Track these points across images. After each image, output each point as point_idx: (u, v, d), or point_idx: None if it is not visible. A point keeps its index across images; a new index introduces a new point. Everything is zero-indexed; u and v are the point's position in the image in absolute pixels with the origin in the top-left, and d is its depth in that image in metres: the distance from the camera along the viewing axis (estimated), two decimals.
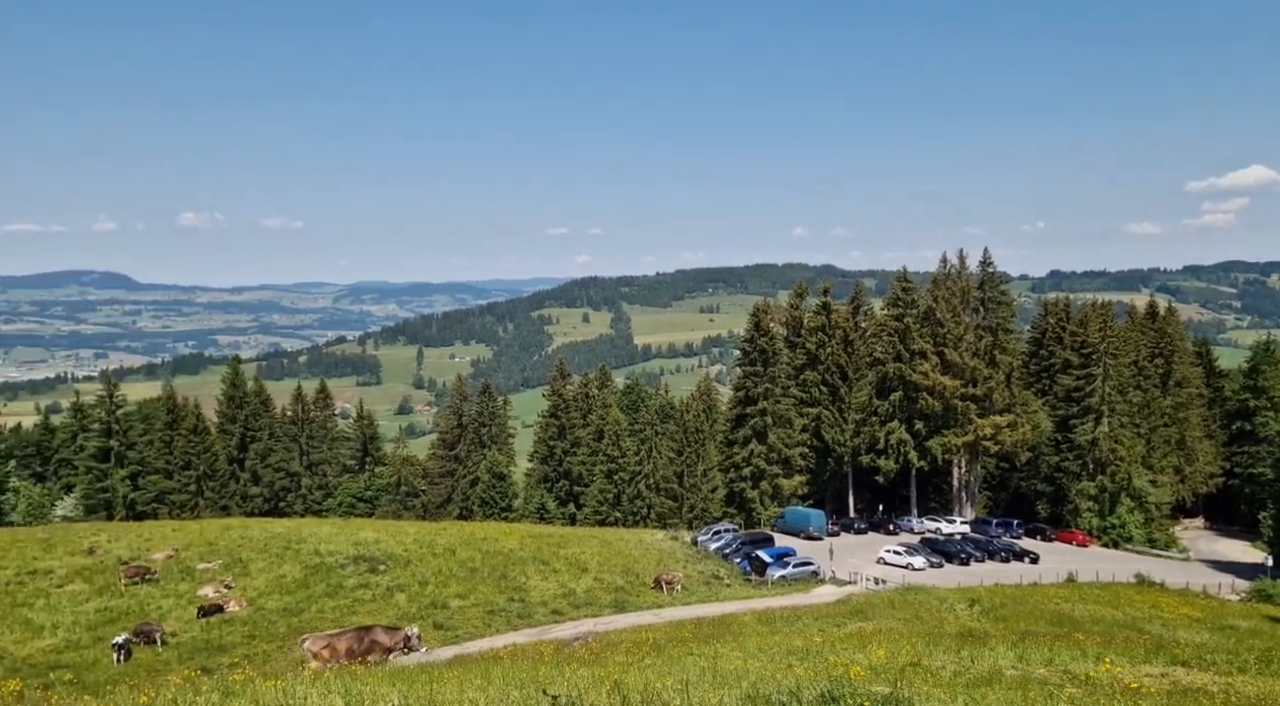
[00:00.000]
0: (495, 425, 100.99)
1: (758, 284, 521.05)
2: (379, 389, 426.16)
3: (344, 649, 23.50)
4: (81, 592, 44.40)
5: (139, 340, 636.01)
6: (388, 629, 24.81)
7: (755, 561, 58.17)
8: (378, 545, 54.38)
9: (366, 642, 23.70)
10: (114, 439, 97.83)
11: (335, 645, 23.64)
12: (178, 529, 64.80)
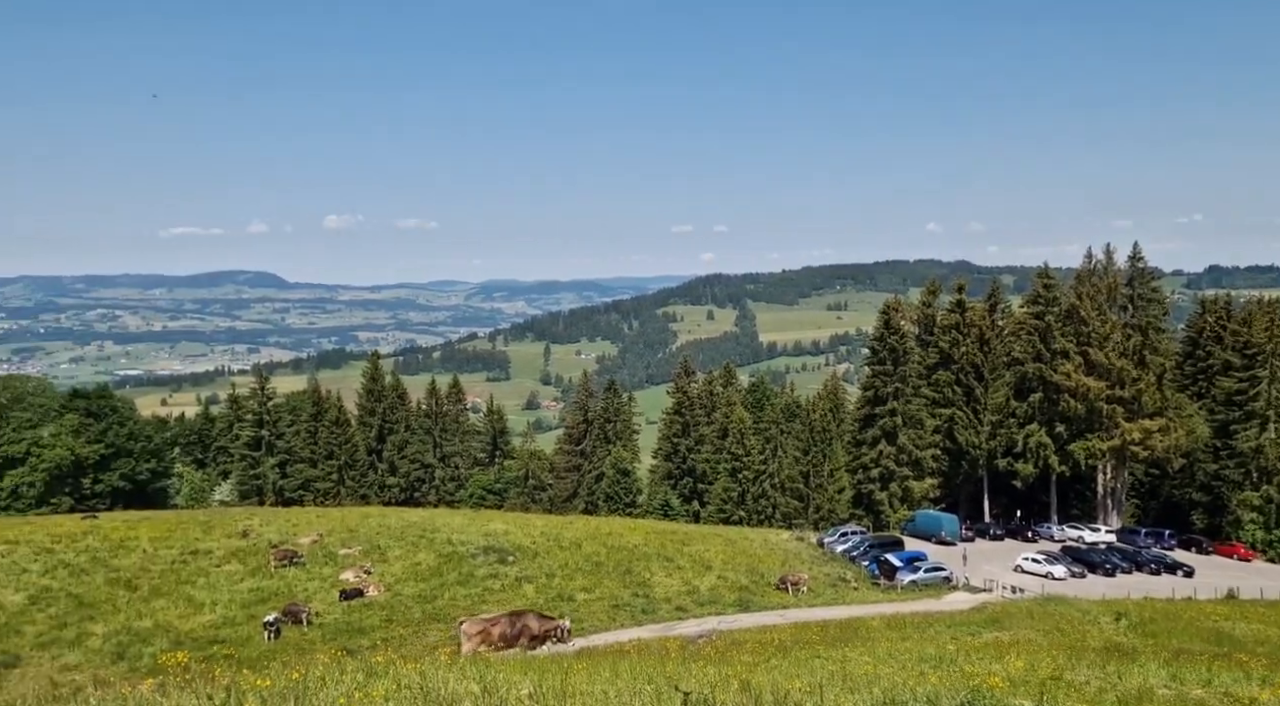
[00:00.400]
0: (620, 421, 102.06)
1: (888, 281, 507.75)
2: (508, 384, 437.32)
3: (498, 633, 24.13)
4: (237, 573, 47.25)
5: (287, 336, 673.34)
6: (540, 616, 25.28)
7: (884, 565, 56.73)
8: (507, 537, 55.76)
9: (519, 627, 24.26)
10: (265, 429, 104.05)
11: (490, 629, 24.29)
12: (321, 515, 68.28)
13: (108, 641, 35.67)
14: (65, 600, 40.72)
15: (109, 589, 42.86)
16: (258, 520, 62.90)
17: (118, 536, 53.62)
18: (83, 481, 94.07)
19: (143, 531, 55.62)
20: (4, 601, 40.36)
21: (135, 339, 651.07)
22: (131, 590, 42.84)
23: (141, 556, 49.13)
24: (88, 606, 40.09)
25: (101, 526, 58.61)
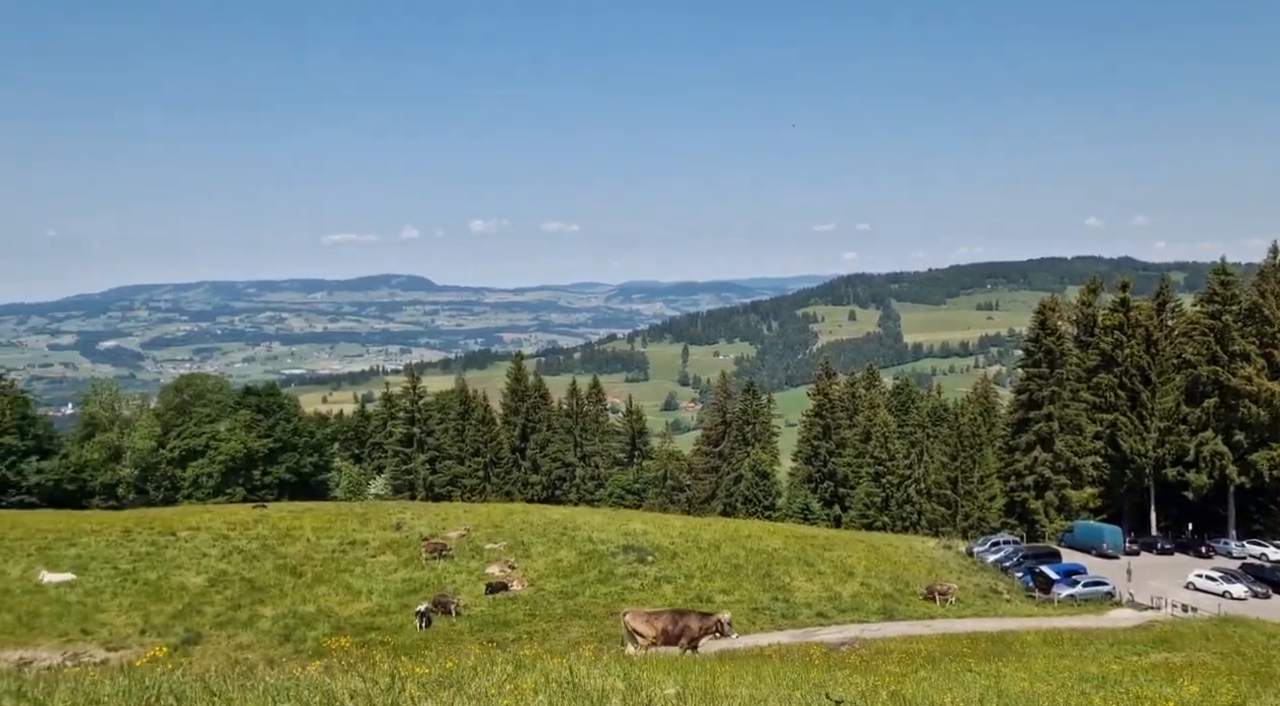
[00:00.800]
0: (759, 423, 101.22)
1: (1043, 279, 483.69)
2: (646, 385, 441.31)
3: (660, 628, 24.32)
4: (390, 563, 49.50)
5: (436, 337, 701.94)
6: (701, 615, 25.30)
7: (1039, 577, 53.94)
8: (645, 536, 56.17)
9: (681, 625, 24.36)
10: (416, 427, 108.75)
11: (653, 622, 24.53)
12: (468, 510, 70.72)
13: (276, 623, 38.02)
14: (239, 584, 43.70)
15: (277, 574, 45.72)
16: (410, 514, 65.73)
17: (284, 525, 57.16)
18: (254, 473, 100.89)
19: (306, 521, 59.12)
20: (188, 583, 43.71)
21: (299, 340, 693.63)
22: (297, 576, 45.55)
23: (305, 545, 52.18)
24: (258, 590, 42.88)
25: (270, 516, 62.66)
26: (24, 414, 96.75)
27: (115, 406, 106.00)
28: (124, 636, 35.53)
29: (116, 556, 48.34)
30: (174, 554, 49.10)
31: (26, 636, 34.84)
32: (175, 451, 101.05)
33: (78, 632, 35.78)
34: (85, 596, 40.89)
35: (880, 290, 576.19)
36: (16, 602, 39.44)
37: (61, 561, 46.81)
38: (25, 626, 36.25)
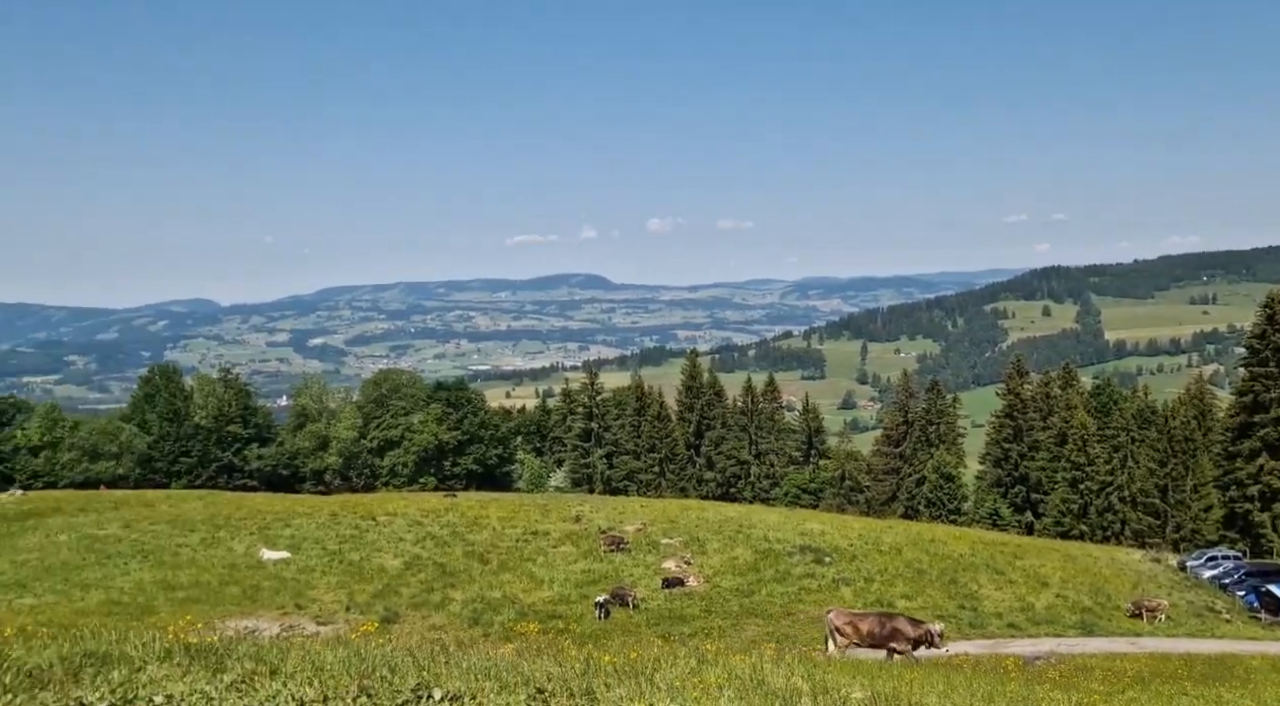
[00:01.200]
0: (943, 423, 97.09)
1: (1270, 270, 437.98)
2: (823, 383, 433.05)
3: (865, 630, 23.84)
4: (570, 554, 50.87)
5: (613, 334, 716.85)
6: (912, 621, 24.62)
7: (1267, 597, 48.82)
8: (823, 537, 55.05)
9: (889, 629, 23.79)
10: (594, 422, 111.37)
11: (858, 624, 24.09)
12: (645, 505, 71.70)
13: (465, 607, 39.87)
14: (432, 568, 46.17)
15: (466, 560, 47.97)
16: (588, 507, 67.37)
17: (472, 514, 59.94)
18: (444, 463, 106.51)
19: (492, 511, 61.77)
20: (386, 565, 46.63)
21: (485, 337, 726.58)
22: (484, 563, 47.63)
23: (491, 533, 54.49)
24: (449, 574, 45.13)
25: (459, 504, 65.91)
26: (246, 405, 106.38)
27: (323, 399, 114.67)
28: (331, 612, 38.28)
29: (325, 537, 52.22)
30: (374, 537, 52.50)
31: (250, 608, 38.16)
32: (374, 441, 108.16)
33: (292, 606, 38.87)
34: (299, 573, 44.40)
35: (1078, 283, 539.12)
36: (242, 577, 43.34)
37: (278, 540, 51.05)
38: (249, 598, 39.75)
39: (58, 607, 36.35)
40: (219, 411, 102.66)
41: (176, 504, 66.09)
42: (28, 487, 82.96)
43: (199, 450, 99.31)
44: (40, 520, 58.47)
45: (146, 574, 43.41)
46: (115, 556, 47.15)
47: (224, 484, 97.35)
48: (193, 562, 46.17)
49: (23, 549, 49.33)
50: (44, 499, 69.82)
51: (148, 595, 39.43)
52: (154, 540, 51.08)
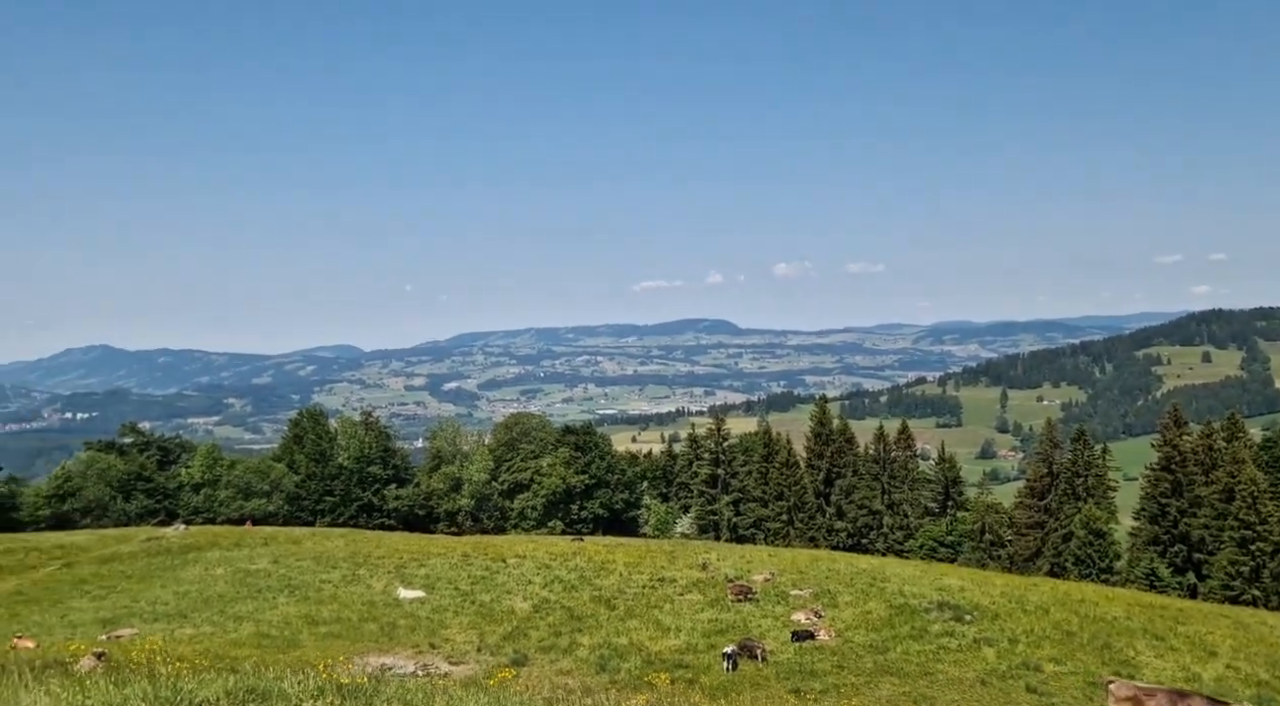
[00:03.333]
0: (1091, 476, 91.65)
1: None
2: (959, 431, 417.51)
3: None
4: (697, 602, 50.26)
5: (739, 379, 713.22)
6: (1211, 700, 22.84)
7: None
8: (962, 593, 52.54)
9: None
10: (720, 468, 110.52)
11: (1142, 700, 22.76)
12: (773, 554, 70.28)
13: (592, 652, 39.86)
14: (560, 612, 46.46)
15: (593, 605, 48.07)
16: (715, 554, 66.58)
17: (599, 559, 60.17)
18: (571, 507, 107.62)
19: (619, 556, 61.84)
20: (515, 607, 47.24)
21: (612, 382, 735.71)
22: (610, 608, 47.60)
23: (618, 578, 54.50)
24: (577, 619, 45.29)
25: (587, 548, 66.32)
26: (386, 447, 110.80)
27: (456, 441, 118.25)
28: (463, 652, 38.96)
29: (457, 578, 53.43)
30: (503, 579, 53.35)
31: (387, 645, 39.30)
32: (505, 484, 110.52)
33: (427, 645, 39.79)
34: (432, 613, 45.49)
35: (1243, 328, 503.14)
36: (380, 613, 44.76)
37: (414, 579, 52.56)
38: (386, 636, 40.96)
39: (213, 638, 38.37)
40: (360, 453, 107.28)
41: (320, 541, 69.14)
42: (189, 522, 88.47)
43: (342, 489, 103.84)
44: (200, 553, 62.21)
45: (293, 608, 45.37)
46: (265, 590, 49.54)
47: (364, 522, 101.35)
48: (335, 598, 48.00)
49: (184, 580, 52.51)
50: (203, 533, 74.31)
51: (293, 629, 41.15)
52: (300, 576, 53.44)
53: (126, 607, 45.97)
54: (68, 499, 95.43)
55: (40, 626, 41.69)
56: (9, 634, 38.77)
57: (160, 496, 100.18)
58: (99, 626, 41.12)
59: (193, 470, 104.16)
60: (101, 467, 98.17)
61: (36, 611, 46.26)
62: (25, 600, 49.51)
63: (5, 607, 47.81)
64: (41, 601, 49.00)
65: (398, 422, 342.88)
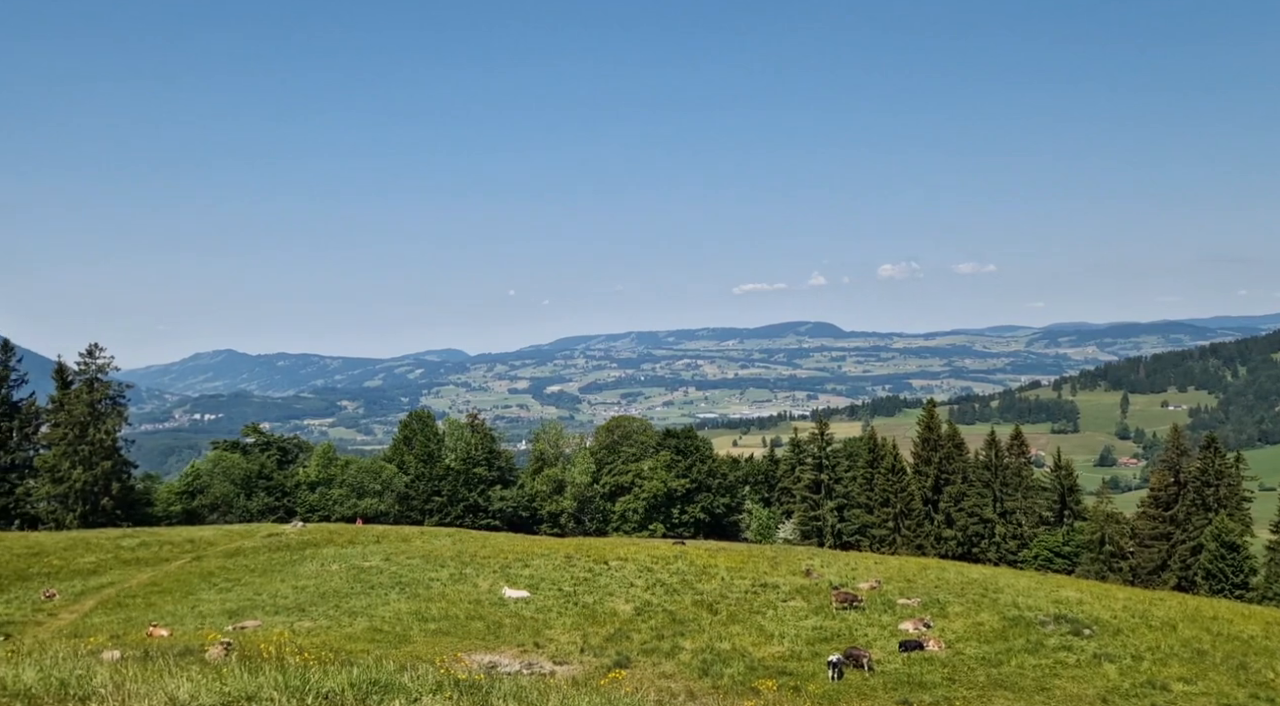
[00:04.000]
0: (1223, 485, 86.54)
1: None
2: (1076, 437, 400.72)
3: None
4: (800, 609, 49.57)
5: (843, 383, 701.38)
6: None
7: None
8: (1081, 606, 50.34)
9: None
10: (824, 473, 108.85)
11: None
12: (879, 562, 68.75)
13: (695, 656, 39.76)
14: (662, 615, 46.52)
15: (695, 609, 47.97)
16: (819, 561, 65.57)
17: (701, 563, 60.02)
18: (672, 510, 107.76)
19: (721, 560, 61.56)
20: (618, 609, 47.54)
21: (712, 385, 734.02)
22: (713, 613, 47.41)
23: (720, 583, 54.25)
24: (679, 622, 45.27)
25: (688, 552, 66.24)
26: (491, 449, 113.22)
27: (559, 444, 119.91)
28: (567, 652, 39.41)
29: (560, 579, 54.12)
30: (606, 581, 53.75)
31: (493, 643, 40.09)
32: (606, 487, 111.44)
33: (531, 644, 40.41)
34: (536, 612, 46.20)
35: None
36: (486, 612, 45.72)
37: (519, 579, 53.50)
38: (492, 634, 41.79)
39: (330, 632, 39.86)
40: (467, 454, 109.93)
41: (429, 540, 71.11)
42: (306, 520, 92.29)
43: (449, 490, 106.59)
44: (316, 550, 64.81)
45: (403, 605, 46.76)
46: (377, 587, 51.23)
47: (470, 523, 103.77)
48: (443, 596, 49.26)
49: (302, 576, 54.77)
50: (319, 530, 77.36)
51: (404, 625, 42.40)
52: (410, 573, 55.06)
53: (250, 600, 48.23)
54: (196, 495, 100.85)
55: (173, 616, 44.14)
56: (146, 622, 41.20)
57: (279, 494, 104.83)
58: (225, 617, 43.25)
59: (309, 469, 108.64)
60: (226, 466, 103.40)
61: (169, 601, 49.01)
62: (159, 591, 52.51)
63: (142, 597, 50.83)
64: (174, 592, 51.89)
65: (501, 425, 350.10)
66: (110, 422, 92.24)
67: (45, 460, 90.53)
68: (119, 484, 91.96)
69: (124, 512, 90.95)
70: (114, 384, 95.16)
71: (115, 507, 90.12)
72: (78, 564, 62.69)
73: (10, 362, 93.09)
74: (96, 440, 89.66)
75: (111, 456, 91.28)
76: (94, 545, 68.29)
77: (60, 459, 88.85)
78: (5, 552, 64.55)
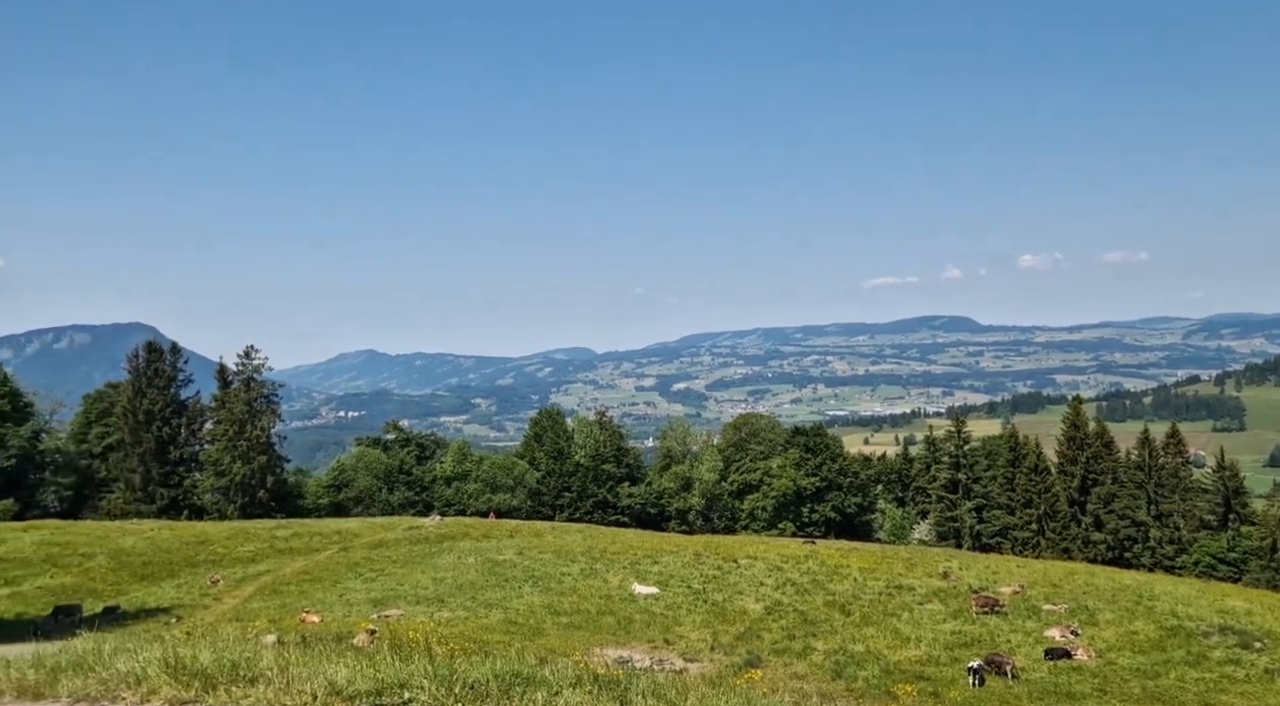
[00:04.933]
0: None
1: None
2: (1241, 436, 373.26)
3: None
4: (938, 612, 48.02)
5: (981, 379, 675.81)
6: None
7: None
8: (1250, 618, 46.85)
9: None
10: (961, 472, 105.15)
11: None
12: (1022, 565, 65.90)
13: (828, 657, 39.10)
14: (793, 615, 45.97)
15: (827, 610, 47.18)
16: (957, 563, 63.42)
17: (832, 563, 58.98)
18: (802, 509, 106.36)
19: (853, 561, 60.32)
20: (748, 608, 47.27)
21: (842, 382, 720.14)
22: (845, 614, 46.51)
23: (852, 584, 53.17)
24: (810, 623, 44.63)
25: (819, 552, 65.23)
26: (619, 446, 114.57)
27: (686, 442, 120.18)
28: (697, 649, 39.45)
29: (689, 576, 54.23)
30: (735, 579, 53.52)
31: (624, 638, 40.54)
32: (734, 484, 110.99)
33: (661, 641, 40.65)
34: (666, 609, 46.44)
35: None
36: (616, 608, 46.28)
37: (648, 576, 53.90)
38: (623, 629, 42.27)
39: (467, 622, 41.21)
40: (595, 451, 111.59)
41: (560, 535, 72.57)
42: (443, 514, 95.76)
43: (578, 486, 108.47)
44: (453, 543, 67.13)
45: (536, 598, 47.88)
46: (511, 580, 52.64)
47: (599, 518, 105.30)
48: (574, 591, 50.15)
49: (440, 567, 56.83)
50: (455, 524, 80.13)
51: (537, 618, 43.41)
52: (542, 568, 56.33)
53: (393, 590, 50.41)
54: (342, 489, 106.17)
55: (323, 603, 46.58)
56: (299, 608, 43.63)
57: (418, 488, 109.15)
58: (370, 606, 45.33)
59: (446, 465, 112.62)
60: (369, 461, 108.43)
61: (319, 589, 51.77)
62: (310, 579, 55.54)
63: (295, 585, 53.88)
64: (324, 580, 54.78)
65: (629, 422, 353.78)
66: (265, 420, 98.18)
67: (209, 454, 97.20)
68: (273, 477, 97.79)
69: (277, 504, 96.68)
70: (268, 383, 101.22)
71: (270, 499, 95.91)
72: (238, 552, 67.08)
73: (179, 364, 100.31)
74: (253, 436, 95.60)
75: (266, 451, 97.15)
76: (252, 535, 72.90)
77: (222, 453, 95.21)
78: (176, 541, 69.71)
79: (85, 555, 63.74)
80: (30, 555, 63.04)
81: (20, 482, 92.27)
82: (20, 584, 57.29)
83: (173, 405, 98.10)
